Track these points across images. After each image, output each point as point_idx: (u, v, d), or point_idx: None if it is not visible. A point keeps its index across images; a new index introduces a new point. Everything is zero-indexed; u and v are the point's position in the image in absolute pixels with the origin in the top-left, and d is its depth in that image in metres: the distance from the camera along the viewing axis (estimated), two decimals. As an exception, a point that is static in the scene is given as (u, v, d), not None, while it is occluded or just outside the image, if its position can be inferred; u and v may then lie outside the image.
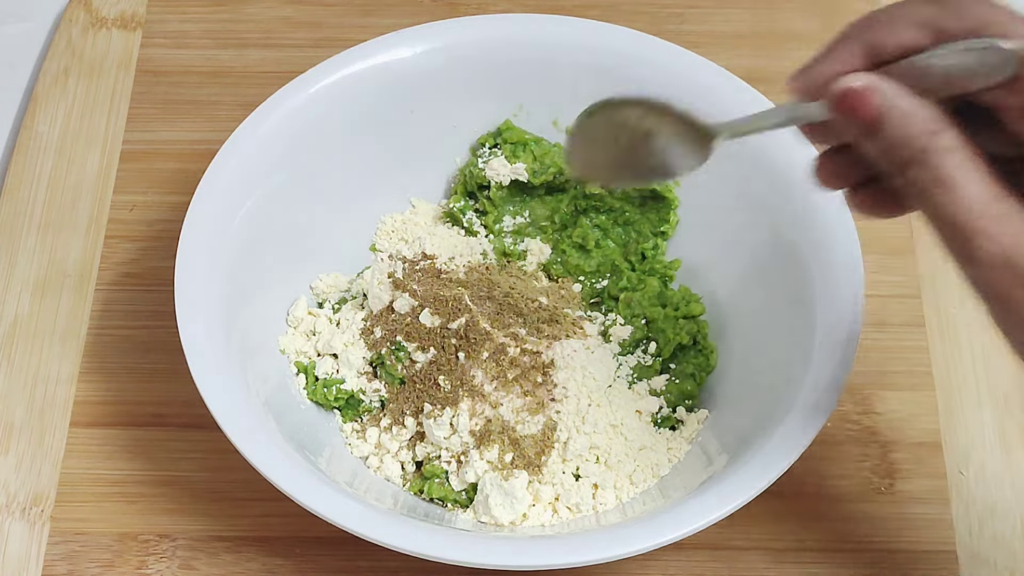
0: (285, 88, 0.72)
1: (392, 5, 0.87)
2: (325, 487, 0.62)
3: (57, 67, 0.85)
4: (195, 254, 0.68)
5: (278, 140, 0.71)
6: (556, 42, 0.74)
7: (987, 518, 0.70)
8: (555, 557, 0.61)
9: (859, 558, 0.69)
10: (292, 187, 0.72)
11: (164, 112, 0.84)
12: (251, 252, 0.70)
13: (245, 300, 0.69)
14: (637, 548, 0.60)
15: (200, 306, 0.66)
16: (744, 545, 0.69)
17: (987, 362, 0.75)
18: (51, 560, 0.69)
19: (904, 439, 0.72)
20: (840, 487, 0.71)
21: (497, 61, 0.74)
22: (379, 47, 0.74)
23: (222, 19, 0.88)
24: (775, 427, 0.63)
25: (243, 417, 0.63)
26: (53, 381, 0.74)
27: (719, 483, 0.62)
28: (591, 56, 0.73)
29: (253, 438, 0.63)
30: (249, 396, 0.65)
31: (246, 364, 0.67)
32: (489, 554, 0.61)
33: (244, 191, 0.70)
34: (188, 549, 0.69)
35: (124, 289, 0.77)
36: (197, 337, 0.65)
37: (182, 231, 0.68)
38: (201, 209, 0.69)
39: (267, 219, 0.71)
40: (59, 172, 0.81)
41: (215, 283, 0.67)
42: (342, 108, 0.73)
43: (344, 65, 0.73)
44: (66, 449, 0.72)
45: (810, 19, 0.87)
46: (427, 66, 0.74)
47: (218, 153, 0.70)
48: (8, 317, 0.76)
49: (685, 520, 0.61)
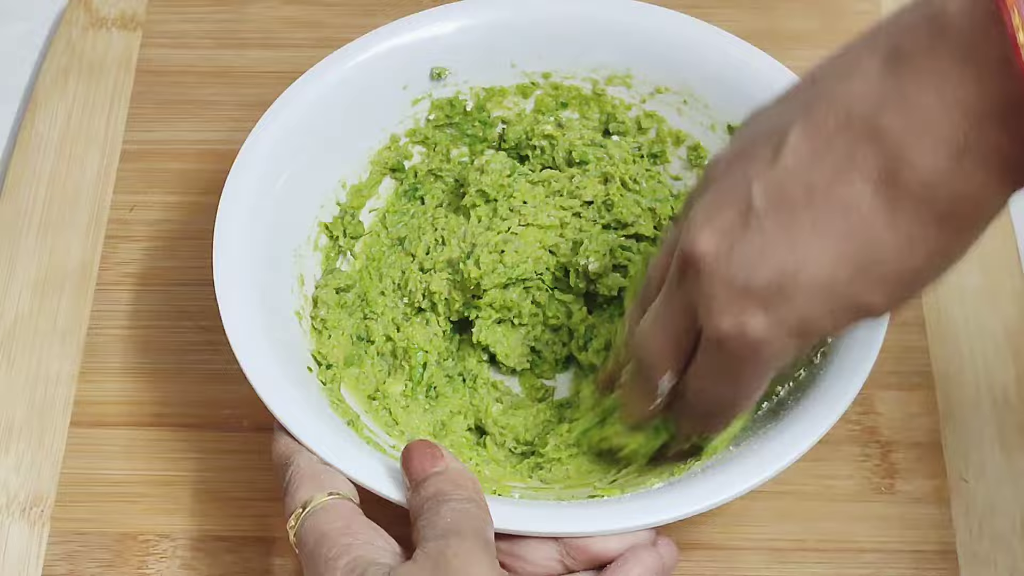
0: (335, 55, 0.73)
1: (392, 5, 0.87)
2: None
3: (57, 67, 0.85)
4: (233, 219, 0.67)
5: (327, 106, 0.72)
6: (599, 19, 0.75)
7: (987, 518, 0.70)
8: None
9: (859, 558, 0.69)
10: (332, 154, 0.73)
11: (164, 112, 0.84)
12: (291, 216, 0.70)
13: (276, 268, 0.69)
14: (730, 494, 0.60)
15: (236, 275, 0.66)
16: (744, 545, 0.69)
17: (987, 362, 0.75)
18: (51, 560, 0.69)
19: (904, 439, 0.72)
20: (840, 487, 0.71)
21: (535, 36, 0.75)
22: (424, 20, 0.74)
23: (222, 19, 0.88)
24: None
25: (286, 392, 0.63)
26: (53, 381, 0.74)
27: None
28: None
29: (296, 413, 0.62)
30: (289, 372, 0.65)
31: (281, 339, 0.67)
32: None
33: (286, 157, 0.70)
34: (188, 549, 0.69)
35: (124, 289, 0.77)
36: (233, 306, 0.65)
37: (222, 195, 0.68)
38: (241, 175, 0.69)
39: (308, 186, 0.71)
40: (59, 172, 0.81)
41: (254, 247, 0.67)
42: (388, 78, 0.74)
43: (391, 36, 0.74)
44: (66, 449, 0.72)
45: (810, 19, 0.87)
46: (468, 40, 0.74)
47: (260, 120, 0.70)
48: (8, 317, 0.76)
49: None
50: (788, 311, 0.54)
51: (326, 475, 0.59)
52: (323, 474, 0.60)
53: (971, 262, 0.78)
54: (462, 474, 0.59)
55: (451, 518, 0.56)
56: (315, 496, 0.58)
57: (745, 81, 0.73)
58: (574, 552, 0.59)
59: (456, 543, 0.55)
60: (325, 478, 0.59)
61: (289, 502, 0.59)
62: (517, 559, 0.59)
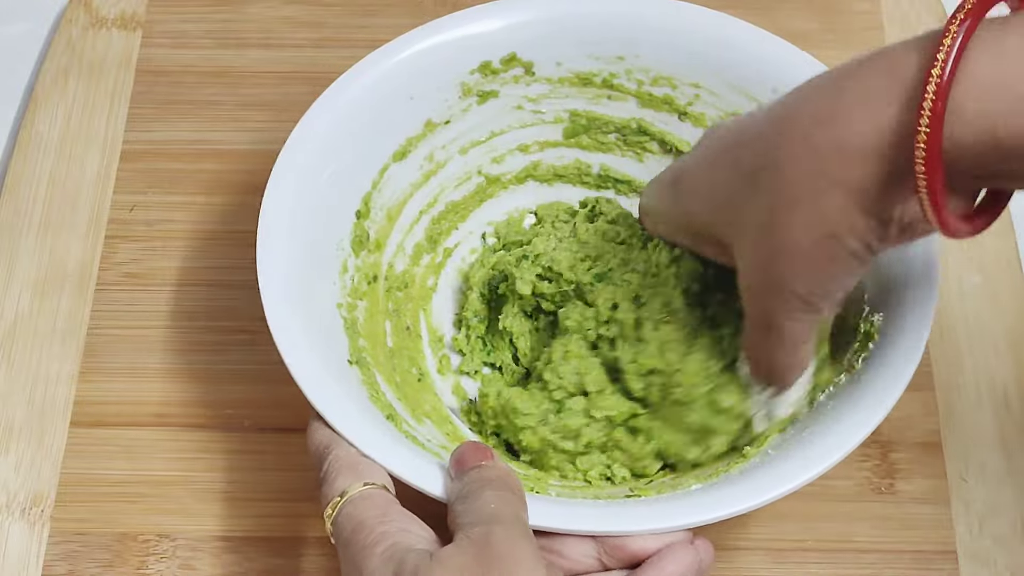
0: (381, 49, 0.72)
1: (393, 5, 0.87)
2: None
3: (57, 67, 0.85)
4: (277, 211, 0.67)
5: (375, 100, 0.72)
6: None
7: (987, 518, 0.70)
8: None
9: (859, 558, 0.69)
10: (378, 150, 0.72)
11: (164, 112, 0.84)
12: (335, 209, 0.70)
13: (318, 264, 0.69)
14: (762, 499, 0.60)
15: (278, 267, 0.66)
16: (744, 545, 0.69)
17: (987, 362, 0.75)
18: (51, 560, 0.69)
19: (904, 439, 0.72)
20: (840, 487, 0.71)
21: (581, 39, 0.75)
22: (470, 17, 0.74)
23: (222, 19, 0.88)
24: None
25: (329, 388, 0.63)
26: (53, 381, 0.74)
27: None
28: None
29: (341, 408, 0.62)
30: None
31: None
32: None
33: (332, 151, 0.70)
34: (188, 549, 0.69)
35: (124, 289, 0.77)
36: (278, 303, 0.65)
37: (268, 184, 0.68)
38: (288, 165, 0.69)
39: (353, 179, 0.71)
40: (59, 172, 0.81)
41: (295, 242, 0.67)
42: (433, 74, 0.73)
43: (439, 31, 0.73)
44: (66, 449, 0.72)
45: (810, 19, 0.87)
46: (514, 38, 0.74)
47: (308, 111, 0.70)
48: (8, 317, 0.76)
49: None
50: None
51: (364, 465, 0.60)
52: (361, 464, 0.60)
53: (971, 262, 0.78)
54: (507, 471, 0.59)
55: (495, 504, 0.56)
56: (353, 485, 0.58)
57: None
58: (611, 550, 0.59)
59: (500, 530, 0.55)
60: (363, 468, 0.59)
61: (327, 490, 0.59)
62: (554, 553, 0.59)
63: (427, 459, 0.61)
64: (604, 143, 0.77)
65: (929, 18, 0.87)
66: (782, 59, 0.73)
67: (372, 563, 0.55)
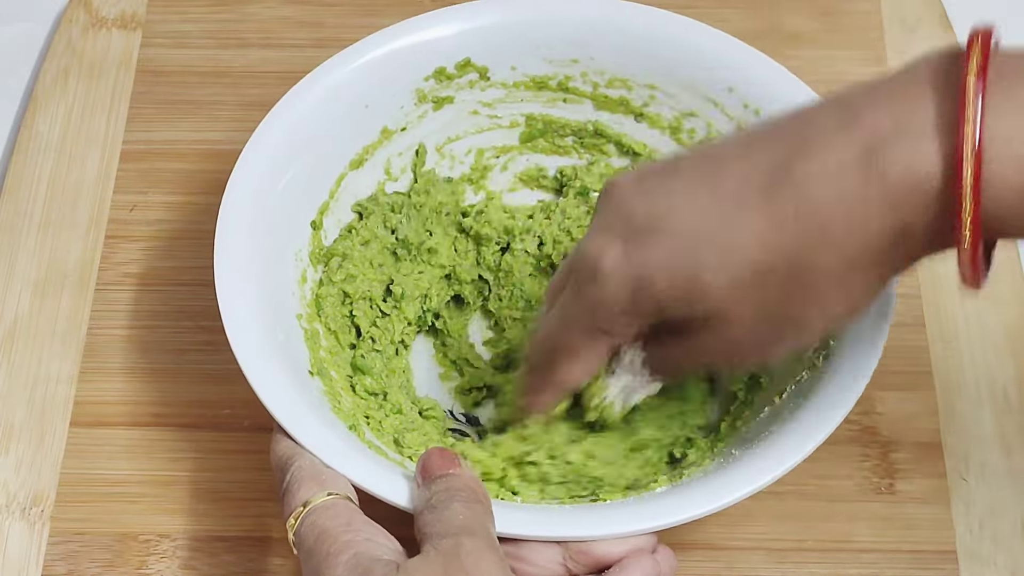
0: (339, 55, 0.72)
1: (392, 5, 0.87)
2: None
3: (57, 67, 0.85)
4: (234, 219, 0.67)
5: (330, 107, 0.72)
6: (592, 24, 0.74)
7: (987, 518, 0.70)
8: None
9: (859, 558, 0.69)
10: (334, 157, 0.72)
11: (164, 112, 0.84)
12: (293, 218, 0.70)
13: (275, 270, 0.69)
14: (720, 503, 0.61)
15: (237, 276, 0.66)
16: (744, 545, 0.69)
17: (987, 362, 0.75)
18: (51, 560, 0.69)
19: (904, 439, 0.72)
20: (840, 487, 0.71)
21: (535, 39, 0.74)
22: (423, 23, 0.74)
23: (222, 19, 0.88)
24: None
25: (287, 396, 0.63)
26: (53, 381, 0.74)
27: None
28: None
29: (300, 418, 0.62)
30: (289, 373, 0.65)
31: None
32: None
33: (288, 158, 0.70)
34: (188, 549, 0.69)
35: (124, 289, 0.77)
36: (239, 313, 0.65)
37: (224, 195, 0.68)
38: (244, 174, 0.69)
39: (310, 187, 0.71)
40: (59, 172, 0.81)
41: (254, 253, 0.67)
42: (388, 81, 0.73)
43: (393, 38, 0.73)
44: (66, 449, 0.72)
45: (810, 19, 0.87)
46: (468, 44, 0.74)
47: (263, 120, 0.70)
48: (8, 317, 0.76)
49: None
50: (642, 252, 0.57)
51: (327, 476, 0.60)
52: (324, 474, 0.60)
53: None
54: (474, 480, 0.59)
55: (463, 516, 0.56)
56: (316, 495, 0.58)
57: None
58: (577, 555, 0.59)
59: (468, 541, 0.55)
60: (327, 478, 0.59)
61: (290, 500, 0.59)
62: (520, 561, 0.59)
63: (391, 469, 0.61)
64: (561, 146, 0.77)
65: (929, 18, 0.87)
66: (737, 58, 0.73)
67: (336, 572, 0.55)
